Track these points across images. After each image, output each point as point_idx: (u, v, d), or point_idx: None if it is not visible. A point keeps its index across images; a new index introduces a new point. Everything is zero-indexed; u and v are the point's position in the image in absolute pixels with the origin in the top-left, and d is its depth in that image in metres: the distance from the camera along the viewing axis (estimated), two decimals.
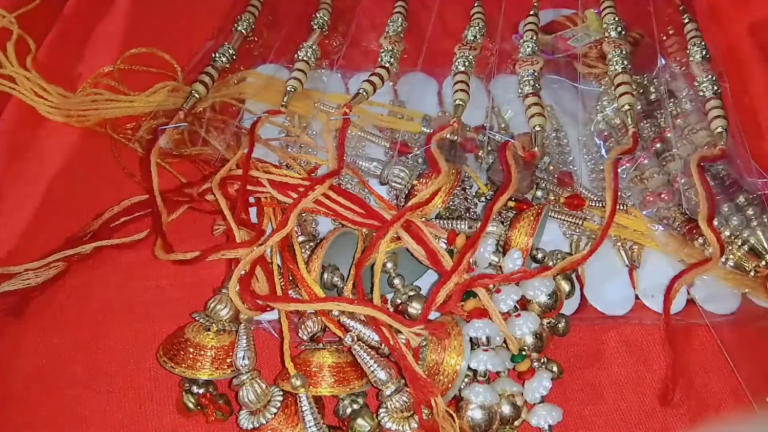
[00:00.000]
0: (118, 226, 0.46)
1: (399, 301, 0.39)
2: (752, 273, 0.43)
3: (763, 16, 0.58)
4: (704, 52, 0.52)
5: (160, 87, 0.53)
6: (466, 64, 0.53)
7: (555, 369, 0.40)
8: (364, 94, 0.50)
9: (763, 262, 0.43)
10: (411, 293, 0.39)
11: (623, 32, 0.55)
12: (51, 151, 0.51)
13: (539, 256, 0.43)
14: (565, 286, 0.40)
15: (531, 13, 0.59)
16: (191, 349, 0.38)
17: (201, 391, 0.38)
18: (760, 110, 0.54)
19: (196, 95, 0.49)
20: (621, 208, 0.45)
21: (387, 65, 0.53)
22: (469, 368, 0.36)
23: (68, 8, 0.63)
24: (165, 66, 0.55)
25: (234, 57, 0.54)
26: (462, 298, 0.38)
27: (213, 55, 0.53)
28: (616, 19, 0.56)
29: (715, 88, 0.50)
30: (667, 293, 0.42)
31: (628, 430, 0.40)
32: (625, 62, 0.51)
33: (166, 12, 0.63)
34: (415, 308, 0.38)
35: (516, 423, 0.38)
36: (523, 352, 0.39)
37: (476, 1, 0.60)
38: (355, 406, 0.38)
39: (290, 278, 0.40)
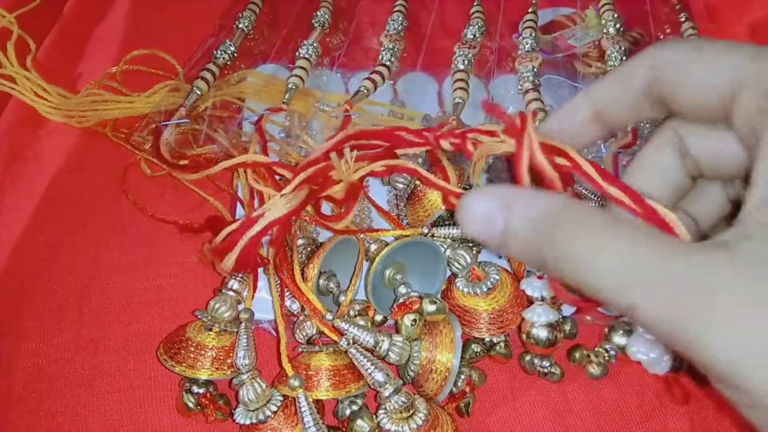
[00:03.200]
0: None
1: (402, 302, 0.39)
2: None
3: (763, 16, 0.58)
4: None
5: (159, 87, 0.53)
6: (466, 62, 0.53)
7: (557, 372, 0.40)
8: (365, 91, 0.50)
9: None
10: (414, 295, 0.39)
11: (621, 29, 0.55)
12: (51, 151, 0.51)
13: None
14: None
15: (530, 10, 0.59)
16: (192, 349, 0.38)
17: (201, 391, 0.38)
18: None
19: (198, 92, 0.50)
20: None
21: (388, 63, 0.53)
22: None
23: (68, 8, 0.63)
24: (166, 66, 0.55)
25: (235, 54, 0.54)
26: None
27: (214, 53, 0.53)
28: (615, 15, 0.56)
29: None
30: None
31: (628, 430, 0.40)
32: (624, 58, 0.51)
33: (166, 12, 0.63)
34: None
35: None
36: None
37: (475, 1, 0.60)
38: (354, 407, 0.38)
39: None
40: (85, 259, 0.45)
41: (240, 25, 0.56)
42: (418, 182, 0.44)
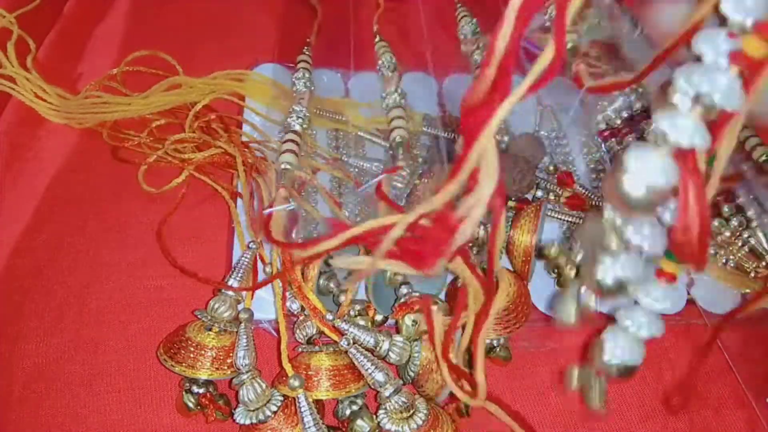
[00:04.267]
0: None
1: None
2: (752, 273, 0.43)
3: None
4: None
5: (156, 88, 0.53)
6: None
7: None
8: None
9: (764, 263, 0.43)
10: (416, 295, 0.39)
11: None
12: (51, 151, 0.51)
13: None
14: None
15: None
16: (192, 349, 0.38)
17: (201, 391, 0.38)
18: None
19: (288, 166, 0.45)
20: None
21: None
22: None
23: (68, 8, 0.63)
24: (166, 66, 0.55)
25: (308, 116, 0.49)
26: None
27: (287, 122, 0.48)
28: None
29: None
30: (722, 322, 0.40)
31: (629, 430, 0.41)
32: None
33: (166, 12, 0.63)
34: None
35: None
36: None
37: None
38: (355, 407, 0.38)
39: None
40: (85, 259, 0.45)
41: (300, 87, 0.51)
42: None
